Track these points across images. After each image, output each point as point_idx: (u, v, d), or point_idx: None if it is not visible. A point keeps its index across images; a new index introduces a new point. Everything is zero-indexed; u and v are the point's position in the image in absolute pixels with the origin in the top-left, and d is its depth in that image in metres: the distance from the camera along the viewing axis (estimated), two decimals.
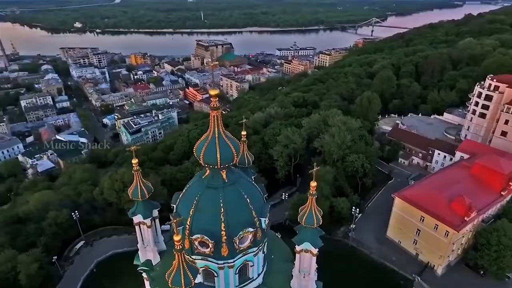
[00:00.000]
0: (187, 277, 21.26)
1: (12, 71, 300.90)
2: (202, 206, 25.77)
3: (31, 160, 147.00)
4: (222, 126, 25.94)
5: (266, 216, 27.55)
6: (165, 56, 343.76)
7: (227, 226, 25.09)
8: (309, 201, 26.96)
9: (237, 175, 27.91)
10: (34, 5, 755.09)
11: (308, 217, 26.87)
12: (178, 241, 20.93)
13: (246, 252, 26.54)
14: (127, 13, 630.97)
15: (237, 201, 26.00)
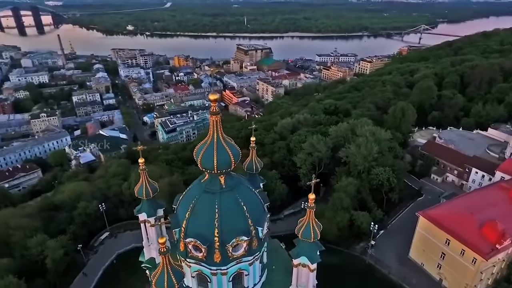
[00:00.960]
0: (170, 280, 21.75)
1: (68, 69, 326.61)
2: (198, 210, 26.04)
3: (75, 152, 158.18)
4: (221, 131, 26.10)
5: (263, 225, 27.20)
6: (206, 59, 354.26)
7: (220, 232, 25.09)
8: (308, 214, 26.23)
9: (236, 181, 27.81)
10: (93, 8, 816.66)
11: (305, 231, 26.08)
12: (162, 244, 21.51)
13: (240, 260, 26.35)
14: (175, 17, 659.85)
15: (233, 208, 25.78)
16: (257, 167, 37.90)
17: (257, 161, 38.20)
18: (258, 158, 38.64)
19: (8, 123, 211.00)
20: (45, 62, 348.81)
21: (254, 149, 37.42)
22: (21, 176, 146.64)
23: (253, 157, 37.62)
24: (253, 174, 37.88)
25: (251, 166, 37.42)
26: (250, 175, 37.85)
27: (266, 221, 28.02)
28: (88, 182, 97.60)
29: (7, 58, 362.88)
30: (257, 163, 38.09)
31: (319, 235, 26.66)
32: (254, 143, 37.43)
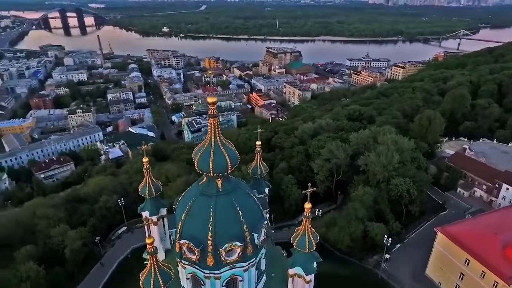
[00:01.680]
0: (157, 281, 21.84)
1: (106, 68, 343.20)
2: (193, 212, 26.16)
3: (105, 147, 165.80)
4: (219, 134, 26.32)
5: (259, 231, 26.77)
6: (236, 61, 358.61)
7: (214, 236, 24.99)
8: (303, 223, 25.37)
9: (233, 185, 27.60)
10: (133, 11, 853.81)
11: (300, 240, 25.27)
12: (150, 244, 21.76)
13: (233, 266, 26.11)
14: (208, 19, 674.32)
15: (228, 212, 25.68)
16: (262, 172, 37.62)
17: (262, 165, 37.93)
18: (263, 162, 38.40)
19: (48, 117, 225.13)
20: (85, 61, 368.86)
21: (260, 153, 37.24)
22: (55, 168, 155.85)
23: (258, 161, 37.43)
24: (258, 178, 37.70)
25: (256, 171, 37.23)
26: (254, 180, 37.68)
27: (263, 228, 27.53)
28: (113, 176, 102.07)
29: (52, 57, 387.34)
30: (262, 168, 37.81)
31: (315, 246, 25.92)
32: (260, 147, 37.33)
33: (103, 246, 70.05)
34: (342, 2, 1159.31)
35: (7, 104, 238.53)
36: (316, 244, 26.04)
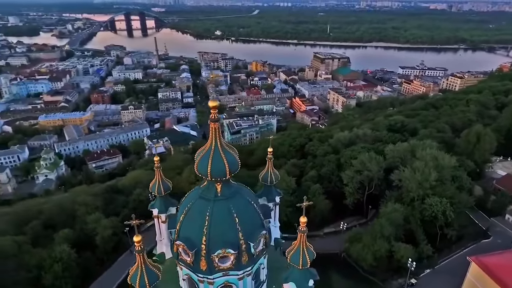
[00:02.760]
0: (143, 280, 22.12)
1: (159, 68, 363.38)
2: (191, 214, 26.43)
3: (150, 143, 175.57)
4: (220, 138, 26.12)
5: (257, 241, 26.21)
6: (283, 65, 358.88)
7: (208, 241, 25.01)
8: (299, 238, 24.51)
9: (234, 190, 27.33)
10: (190, 14, 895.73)
11: (294, 255, 24.36)
12: (138, 242, 22.46)
13: (227, 273, 25.92)
14: (260, 23, 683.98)
15: (224, 218, 25.52)
16: (272, 179, 37.10)
17: (273, 173, 37.45)
18: (275, 170, 37.94)
19: (104, 111, 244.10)
20: (142, 61, 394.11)
21: (271, 160, 36.91)
22: (105, 159, 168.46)
23: (269, 169, 37.06)
24: (268, 186, 37.31)
25: (266, 178, 36.86)
26: (265, 187, 37.32)
27: (261, 237, 26.79)
28: (150, 171, 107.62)
29: (114, 56, 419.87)
30: (273, 175, 37.32)
31: (309, 263, 24.95)
32: (272, 154, 37.03)
33: (131, 237, 73.91)
34: (400, 7, 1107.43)
35: (71, 98, 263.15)
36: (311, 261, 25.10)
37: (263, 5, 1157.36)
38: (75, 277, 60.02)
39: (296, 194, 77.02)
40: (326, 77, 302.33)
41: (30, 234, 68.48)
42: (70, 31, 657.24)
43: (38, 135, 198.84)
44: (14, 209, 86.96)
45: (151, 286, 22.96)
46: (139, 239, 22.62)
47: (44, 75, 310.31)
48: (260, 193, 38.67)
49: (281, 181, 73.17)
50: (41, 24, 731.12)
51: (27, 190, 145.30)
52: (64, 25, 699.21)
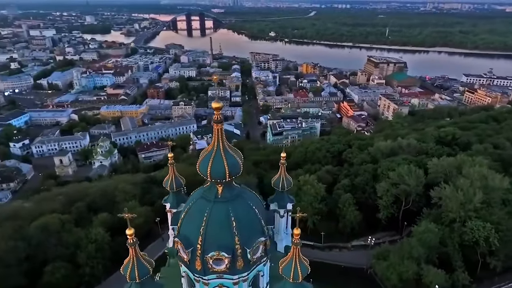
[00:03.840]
0: (133, 271, 23.30)
1: (212, 67, 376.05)
2: (191, 213, 26.90)
3: (195, 138, 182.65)
4: (224, 140, 26.30)
5: (254, 247, 25.93)
6: (334, 68, 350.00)
7: (203, 241, 25.21)
8: (292, 250, 23.73)
9: (235, 194, 27.18)
10: (247, 15, 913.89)
11: (285, 268, 24.05)
12: (130, 235, 23.74)
13: (221, 276, 26.03)
14: (315, 25, 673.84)
15: (221, 221, 25.37)
16: (284, 185, 36.72)
17: (285, 178, 37.06)
18: (288, 175, 37.50)
19: (158, 106, 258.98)
20: (197, 59, 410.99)
21: (284, 165, 36.59)
22: (154, 151, 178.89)
23: (282, 174, 36.76)
24: (280, 192, 36.87)
25: (278, 183, 36.62)
26: (277, 193, 36.98)
27: (260, 244, 26.24)
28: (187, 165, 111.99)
29: (172, 54, 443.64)
30: (285, 181, 36.91)
31: (300, 277, 24.18)
32: (285, 159, 36.61)
33: (162, 227, 77.86)
34: (471, 10, 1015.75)
35: (131, 91, 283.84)
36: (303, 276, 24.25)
37: (320, 7, 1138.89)
38: (106, 258, 64.72)
39: (325, 202, 74.96)
40: (379, 82, 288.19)
41: (74, 214, 75.31)
42: (136, 30, 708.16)
43: (99, 124, 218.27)
44: (66, 189, 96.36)
45: (141, 279, 23.92)
46: (131, 232, 23.78)
47: (109, 70, 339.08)
48: (271, 198, 38.34)
49: (310, 187, 71.74)
50: (112, 23, 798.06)
51: (84, 174, 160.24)
52: (132, 25, 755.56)
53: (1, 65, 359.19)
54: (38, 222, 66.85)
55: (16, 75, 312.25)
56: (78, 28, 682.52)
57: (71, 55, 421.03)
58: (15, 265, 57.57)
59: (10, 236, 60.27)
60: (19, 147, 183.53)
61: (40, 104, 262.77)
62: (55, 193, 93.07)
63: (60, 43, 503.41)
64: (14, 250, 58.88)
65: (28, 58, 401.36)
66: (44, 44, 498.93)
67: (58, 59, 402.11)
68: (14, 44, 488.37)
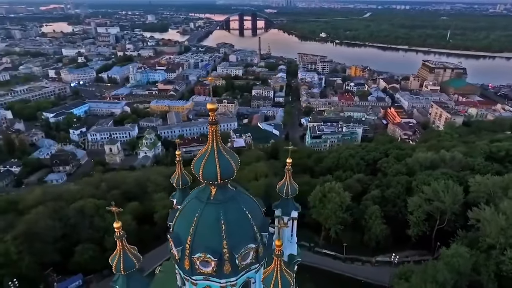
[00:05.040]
0: (119, 263, 23.89)
1: (259, 66, 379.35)
2: (184, 212, 27.19)
3: (233, 136, 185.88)
4: (219, 142, 26.21)
5: (243, 253, 25.57)
6: (385, 72, 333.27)
7: (192, 241, 25.33)
8: (274, 262, 23.13)
9: (230, 196, 26.87)
10: (299, 16, 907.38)
11: (266, 279, 23.57)
12: (118, 228, 24.59)
13: (207, 278, 25.92)
14: (369, 26, 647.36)
15: (211, 223, 25.40)
16: (289, 192, 35.80)
17: (290, 185, 36.16)
18: (294, 182, 36.68)
19: (203, 103, 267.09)
20: (245, 59, 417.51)
21: (290, 171, 35.83)
22: (194, 146, 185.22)
23: (287, 180, 35.99)
24: (285, 198, 36.15)
25: (282, 189, 35.86)
26: (282, 199, 36.31)
27: (250, 250, 25.81)
28: None
29: (222, 53, 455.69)
30: (290, 188, 36.00)
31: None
32: (290, 165, 35.88)
33: None
34: None
35: (179, 87, 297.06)
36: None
37: (376, 8, 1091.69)
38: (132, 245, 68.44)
39: (351, 212, 71.94)
40: (433, 88, 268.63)
41: (109, 200, 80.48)
42: (191, 29, 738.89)
43: (148, 117, 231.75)
44: (107, 176, 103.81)
45: (126, 271, 24.69)
46: (119, 225, 24.51)
47: (162, 66, 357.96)
48: (276, 204, 37.69)
49: (335, 195, 69.38)
50: (170, 22, 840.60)
51: (129, 163, 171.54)
52: (188, 24, 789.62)
53: (70, 58, 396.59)
54: (77, 204, 72.89)
55: (81, 68, 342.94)
56: (140, 26, 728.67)
57: (131, 51, 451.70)
58: (52, 243, 63.40)
59: (50, 216, 66.51)
60: (77, 134, 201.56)
61: (99, 96, 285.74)
62: (98, 179, 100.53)
63: (122, 40, 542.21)
64: (52, 229, 64.87)
65: (93, 53, 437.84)
66: (108, 40, 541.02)
67: (119, 54, 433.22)
68: (83, 40, 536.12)
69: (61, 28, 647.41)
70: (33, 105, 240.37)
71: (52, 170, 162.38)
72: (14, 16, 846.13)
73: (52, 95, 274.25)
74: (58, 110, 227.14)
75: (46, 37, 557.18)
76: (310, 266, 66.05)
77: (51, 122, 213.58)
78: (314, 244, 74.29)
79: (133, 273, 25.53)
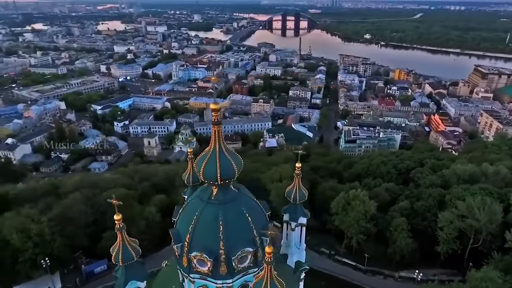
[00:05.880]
0: (118, 254, 25.09)
1: (298, 67, 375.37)
2: (186, 210, 27.98)
3: (266, 136, 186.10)
4: (222, 142, 26.40)
5: (240, 256, 25.33)
6: (432, 77, 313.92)
7: (190, 240, 25.51)
8: (264, 269, 22.48)
9: (231, 198, 26.82)
10: (343, 16, 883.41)
11: (256, 284, 23.11)
12: (118, 220, 25.66)
13: (204, 277, 26.22)
14: (418, 28, 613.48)
15: (209, 223, 25.48)
16: (296, 197, 35.33)
17: (299, 190, 35.65)
18: (303, 187, 36.12)
19: (240, 101, 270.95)
20: (285, 59, 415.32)
21: (299, 176, 35.36)
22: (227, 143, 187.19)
23: (296, 185, 35.56)
24: (293, 204, 35.66)
25: (290, 194, 35.49)
26: (291, 204, 35.90)
27: (247, 254, 25.73)
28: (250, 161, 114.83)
29: (262, 53, 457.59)
30: (298, 193, 35.49)
31: None
32: (300, 169, 35.37)
33: None
34: None
35: (218, 86, 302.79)
36: None
37: (429, 8, 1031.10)
38: (155, 236, 71.30)
39: (375, 222, 68.92)
40: (484, 95, 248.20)
41: (139, 191, 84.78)
42: (234, 28, 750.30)
43: (186, 113, 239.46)
44: (142, 168, 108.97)
45: (124, 263, 25.73)
46: (119, 217, 25.57)
47: (203, 64, 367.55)
48: (285, 209, 37.29)
49: (359, 203, 67.00)
50: (215, 21, 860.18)
51: (165, 156, 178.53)
52: (232, 23, 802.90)
53: (120, 55, 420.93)
54: (108, 192, 77.03)
55: (129, 65, 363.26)
56: (186, 25, 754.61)
57: (175, 49, 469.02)
58: (83, 227, 67.89)
59: (83, 202, 71.25)
60: (120, 126, 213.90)
61: (144, 91, 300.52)
62: (132, 170, 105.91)
63: (169, 38, 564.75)
64: (84, 214, 69.43)
65: (142, 50, 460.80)
66: (156, 38, 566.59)
67: (164, 52, 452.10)
68: (133, 37, 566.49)
69: (115, 26, 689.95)
70: (84, 97, 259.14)
71: (96, 159, 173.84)
72: (75, 14, 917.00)
73: (102, 89, 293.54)
74: (105, 103, 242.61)
75: (100, 35, 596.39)
76: (328, 274, 64.46)
77: (98, 114, 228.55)
78: (335, 252, 72.18)
79: (132, 265, 26.46)
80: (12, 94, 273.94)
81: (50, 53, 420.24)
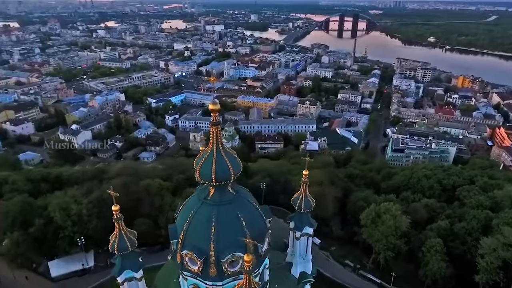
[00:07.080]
0: (114, 243, 26.81)
1: (351, 69, 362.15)
2: (184, 208, 28.46)
3: (308, 139, 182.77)
4: (220, 143, 26.69)
5: (229, 260, 25.15)
6: (502, 85, 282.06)
7: (184, 237, 25.90)
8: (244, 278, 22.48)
9: (227, 199, 26.66)
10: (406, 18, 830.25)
11: None
12: (116, 211, 27.19)
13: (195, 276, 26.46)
14: (492, 31, 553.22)
15: (202, 223, 25.56)
16: (301, 206, 34.74)
17: (305, 199, 35.03)
18: (310, 196, 35.34)
19: (287, 102, 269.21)
20: (338, 61, 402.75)
21: (305, 184, 34.75)
22: (269, 143, 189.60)
23: (302, 194, 34.99)
24: (301, 213, 35.02)
25: (296, 202, 34.99)
26: (297, 213, 35.34)
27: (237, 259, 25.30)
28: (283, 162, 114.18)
29: (314, 54, 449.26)
30: (304, 202, 34.96)
31: None
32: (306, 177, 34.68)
33: None
34: None
35: (267, 85, 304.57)
36: None
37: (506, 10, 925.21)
38: None
39: (406, 240, 64.15)
40: None
41: (173, 183, 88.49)
42: (289, 29, 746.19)
43: (233, 111, 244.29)
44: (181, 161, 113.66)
45: (119, 252, 27.19)
46: (117, 208, 27.17)
47: (254, 64, 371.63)
48: (291, 216, 36.67)
49: (389, 217, 63.08)
50: (271, 21, 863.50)
51: None
52: (287, 23, 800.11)
53: (179, 52, 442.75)
54: (144, 182, 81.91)
55: (185, 61, 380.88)
56: (243, 24, 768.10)
57: (230, 48, 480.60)
58: None
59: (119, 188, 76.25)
60: (170, 119, 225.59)
61: (196, 87, 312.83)
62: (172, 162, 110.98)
63: (225, 37, 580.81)
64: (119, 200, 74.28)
65: (198, 48, 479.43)
66: (212, 37, 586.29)
67: (219, 50, 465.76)
68: (192, 36, 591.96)
69: (177, 25, 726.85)
70: (142, 90, 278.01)
71: (146, 149, 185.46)
72: (143, 13, 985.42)
73: (159, 83, 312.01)
74: (160, 97, 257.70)
75: (163, 32, 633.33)
76: None
77: (152, 107, 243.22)
78: (360, 266, 68.64)
79: (127, 255, 27.89)
80: (82, 85, 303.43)
81: (118, 49, 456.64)
